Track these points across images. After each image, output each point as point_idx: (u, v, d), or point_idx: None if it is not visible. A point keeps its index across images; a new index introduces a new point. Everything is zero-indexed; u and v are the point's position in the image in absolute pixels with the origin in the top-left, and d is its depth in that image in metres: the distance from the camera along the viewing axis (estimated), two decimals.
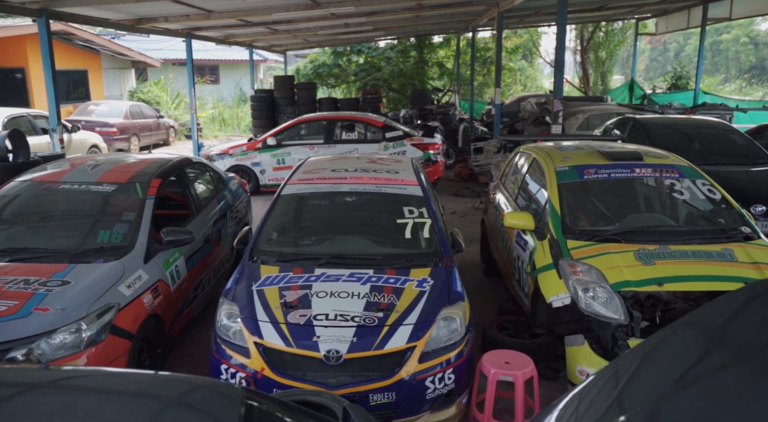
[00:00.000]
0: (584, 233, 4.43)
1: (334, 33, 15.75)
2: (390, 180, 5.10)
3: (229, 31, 14.24)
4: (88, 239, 4.46)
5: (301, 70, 24.69)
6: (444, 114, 16.58)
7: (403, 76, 24.06)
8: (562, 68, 7.50)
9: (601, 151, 5.28)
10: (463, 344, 3.89)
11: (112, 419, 1.50)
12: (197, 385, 1.76)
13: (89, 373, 2.00)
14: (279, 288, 4.06)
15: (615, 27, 24.59)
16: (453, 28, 19.80)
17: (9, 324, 3.53)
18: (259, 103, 17.28)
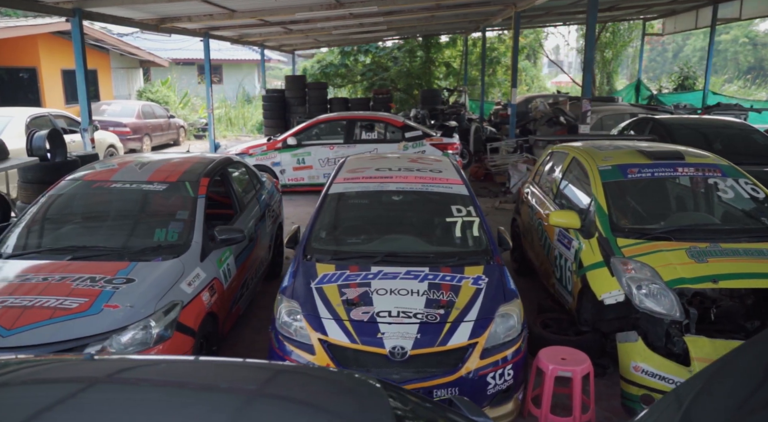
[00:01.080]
0: (634, 232, 4.51)
1: (346, 33, 15.82)
2: (435, 179, 5.17)
3: (244, 31, 14.30)
4: (145, 238, 4.53)
5: (308, 70, 24.76)
6: (455, 114, 16.64)
7: (410, 76, 24.15)
8: (590, 68, 7.57)
9: (641, 150, 5.36)
10: (521, 341, 3.96)
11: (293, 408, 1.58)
12: (344, 376, 1.83)
13: (247, 365, 2.07)
14: (338, 286, 4.12)
15: (621, 28, 24.67)
16: (462, 28, 19.87)
17: (83, 321, 3.59)
18: (271, 103, 17.36)
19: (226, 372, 1.89)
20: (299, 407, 1.57)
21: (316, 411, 1.55)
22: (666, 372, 3.85)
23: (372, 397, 1.67)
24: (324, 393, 1.68)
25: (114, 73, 21.66)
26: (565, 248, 5.07)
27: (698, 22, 19.13)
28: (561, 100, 16.83)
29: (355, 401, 1.63)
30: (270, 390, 1.68)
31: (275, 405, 1.57)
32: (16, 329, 3.49)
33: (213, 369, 1.96)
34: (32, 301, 3.68)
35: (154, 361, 2.18)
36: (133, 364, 1.99)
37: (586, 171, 5.23)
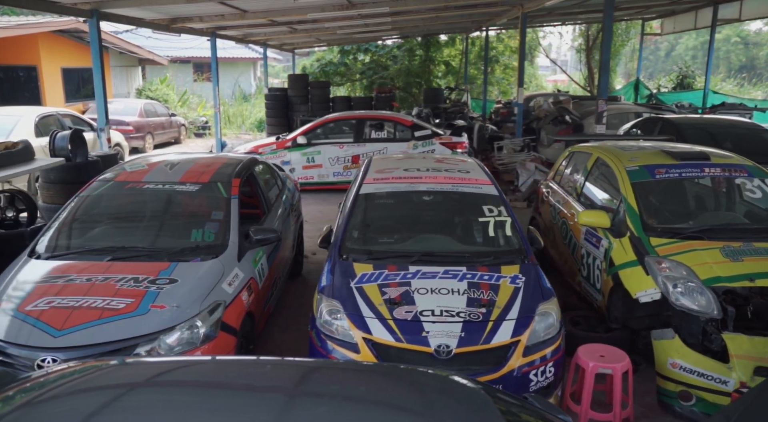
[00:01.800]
0: (666, 231, 4.57)
1: (350, 32, 15.84)
2: (464, 180, 5.21)
3: (249, 31, 14.28)
4: (182, 238, 4.54)
5: (308, 69, 24.77)
6: (459, 113, 16.71)
7: (409, 75, 24.20)
8: (607, 68, 7.65)
9: (667, 151, 5.42)
10: (560, 339, 4.01)
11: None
12: (449, 378, 1.86)
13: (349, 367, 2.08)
14: (378, 285, 4.16)
15: (618, 27, 24.79)
16: (465, 28, 19.91)
17: (131, 321, 3.60)
18: (274, 102, 17.35)
19: (318, 375, 1.90)
20: (414, 415, 1.58)
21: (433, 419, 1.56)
22: (705, 368, 3.91)
23: (478, 400, 1.70)
24: (436, 398, 1.70)
25: (113, 72, 21.57)
26: (594, 247, 5.13)
27: (697, 23, 19.27)
28: (564, 99, 16.93)
29: (465, 405, 1.66)
30: (379, 396, 1.69)
31: (391, 412, 1.58)
32: (67, 329, 3.50)
33: (297, 370, 1.97)
34: (79, 301, 3.70)
35: (242, 362, 2.19)
36: (230, 367, 2.00)
37: (613, 171, 5.29)
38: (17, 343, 3.47)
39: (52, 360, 3.40)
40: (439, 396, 1.71)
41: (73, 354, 3.43)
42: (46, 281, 3.93)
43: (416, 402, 1.66)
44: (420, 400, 1.67)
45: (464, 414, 1.60)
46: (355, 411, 1.56)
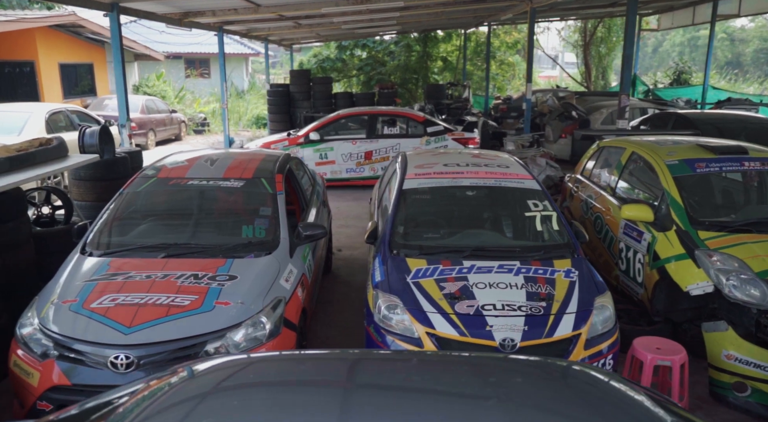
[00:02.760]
0: (714, 225, 4.62)
1: (353, 27, 15.79)
2: (506, 174, 5.23)
3: (253, 26, 14.21)
4: (233, 235, 4.53)
5: (305, 64, 24.65)
6: (461, 109, 16.75)
7: (407, 71, 24.20)
8: (630, 64, 7.70)
9: (703, 145, 5.48)
10: (617, 332, 4.05)
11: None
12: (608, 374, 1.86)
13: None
14: (435, 280, 4.17)
15: (614, 23, 24.95)
16: (466, 23, 19.92)
17: (198, 318, 3.58)
18: (276, 98, 17.26)
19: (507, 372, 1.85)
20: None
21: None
22: (761, 359, 3.97)
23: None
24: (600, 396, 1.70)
25: (108, 68, 21.34)
26: (635, 241, 5.17)
27: (695, 19, 19.46)
28: (567, 95, 17.03)
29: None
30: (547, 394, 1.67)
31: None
32: (136, 327, 3.48)
33: (481, 366, 1.93)
34: (144, 299, 3.67)
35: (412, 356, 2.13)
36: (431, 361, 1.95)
37: (652, 166, 5.33)
38: (87, 340, 3.44)
39: (125, 356, 3.37)
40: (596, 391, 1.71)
41: (144, 351, 3.40)
42: (106, 278, 3.89)
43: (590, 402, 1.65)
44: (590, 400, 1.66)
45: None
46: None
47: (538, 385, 1.70)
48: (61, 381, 3.39)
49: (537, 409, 1.52)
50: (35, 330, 3.60)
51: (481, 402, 1.53)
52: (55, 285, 3.93)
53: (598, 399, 1.63)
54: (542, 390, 1.67)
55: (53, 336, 3.51)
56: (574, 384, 1.74)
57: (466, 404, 1.54)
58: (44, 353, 3.50)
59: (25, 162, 4.95)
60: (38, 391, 3.42)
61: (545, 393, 1.65)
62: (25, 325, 3.66)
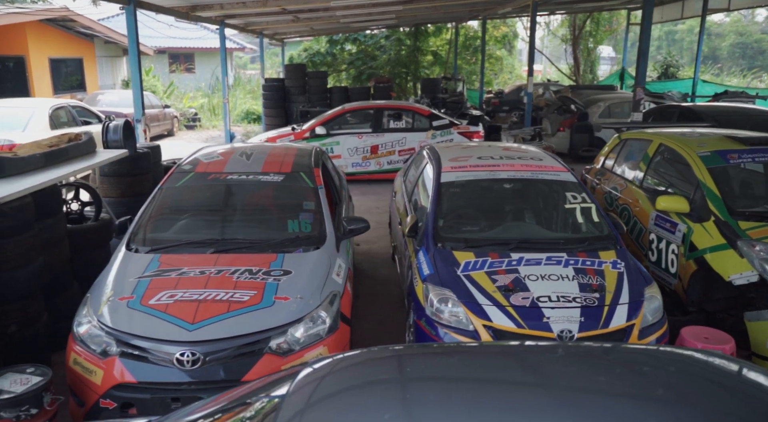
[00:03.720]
0: (754, 215, 4.70)
1: (351, 21, 15.71)
2: (541, 167, 5.26)
3: (251, 19, 14.08)
4: (280, 229, 4.50)
5: (296, 59, 24.48)
6: (459, 103, 16.77)
7: (397, 65, 24.17)
8: (646, 56, 7.78)
9: (731, 136, 5.55)
10: (666, 323, 4.10)
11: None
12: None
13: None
14: (486, 273, 4.18)
15: (603, 18, 25.17)
16: (459, 17, 19.93)
17: (260, 313, 3.56)
18: (271, 93, 17.11)
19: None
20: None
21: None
22: None
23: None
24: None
25: (98, 62, 21.01)
26: (668, 232, 5.23)
27: (684, 12, 19.71)
28: (563, 89, 17.15)
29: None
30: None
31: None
32: (200, 323, 3.44)
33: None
34: (202, 295, 3.63)
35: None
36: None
37: (683, 157, 5.39)
38: (151, 337, 3.40)
39: (190, 353, 3.34)
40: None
41: (210, 347, 3.37)
42: (158, 274, 3.85)
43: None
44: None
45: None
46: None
47: (690, 380, 1.68)
48: (126, 379, 3.34)
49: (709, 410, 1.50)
50: (94, 328, 3.54)
51: (647, 402, 1.51)
52: (105, 282, 3.87)
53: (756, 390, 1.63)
54: (696, 385, 1.66)
55: (114, 333, 3.46)
56: (718, 376, 1.73)
57: (627, 403, 1.52)
58: (104, 351, 3.45)
59: (59, 158, 4.86)
60: (102, 389, 3.37)
61: (705, 389, 1.63)
62: (82, 323, 3.60)
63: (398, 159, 10.87)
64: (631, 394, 1.57)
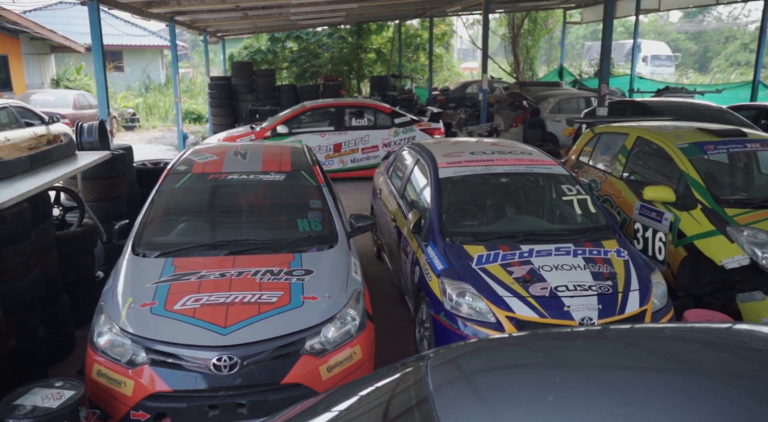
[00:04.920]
0: (738, 202, 4.98)
1: (301, 19, 15.53)
2: (534, 161, 5.38)
3: (198, 16, 13.68)
4: (291, 229, 4.41)
5: (235, 56, 23.96)
6: (409, 100, 16.89)
7: (340, 63, 24.10)
8: (609, 53, 8.10)
9: (704, 129, 5.86)
10: (672, 307, 4.29)
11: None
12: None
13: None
14: (501, 265, 4.25)
15: (540, 17, 25.92)
16: (405, 15, 20.05)
17: (292, 314, 3.48)
18: (217, 91, 16.68)
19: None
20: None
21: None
22: None
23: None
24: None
25: (24, 60, 19.86)
26: (654, 221, 5.45)
27: (618, 12, 20.54)
28: (511, 85, 17.58)
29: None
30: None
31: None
32: (233, 326, 3.34)
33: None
34: (229, 297, 3.53)
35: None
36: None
37: (663, 149, 5.65)
38: (183, 343, 3.27)
39: (227, 357, 3.23)
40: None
41: (247, 350, 3.28)
42: (177, 279, 3.70)
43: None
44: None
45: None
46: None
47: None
48: (160, 388, 3.20)
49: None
50: (116, 337, 3.37)
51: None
52: (118, 289, 3.69)
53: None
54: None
55: (140, 341, 3.31)
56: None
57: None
58: (131, 360, 3.29)
59: (43, 161, 4.58)
60: (133, 400, 3.22)
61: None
62: (103, 333, 3.42)
63: (361, 157, 10.86)
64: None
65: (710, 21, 55.18)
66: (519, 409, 1.46)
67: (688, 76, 30.73)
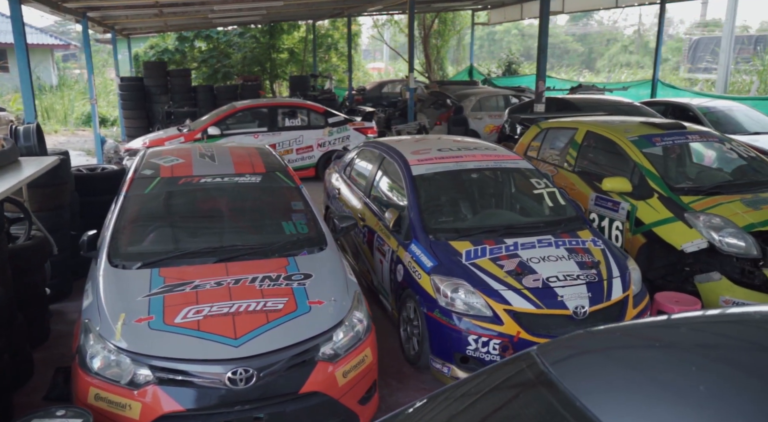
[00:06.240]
0: (691, 190, 5.31)
1: (220, 17, 15.01)
2: (500, 156, 5.49)
3: (108, 12, 12.91)
4: (277, 232, 4.24)
5: (141, 56, 22.81)
6: (330, 100, 16.76)
7: (253, 63, 23.53)
8: (545, 53, 8.40)
9: (648, 123, 6.23)
10: (647, 291, 4.52)
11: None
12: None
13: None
14: (490, 260, 4.30)
15: (449, 17, 26.52)
16: (320, 15, 19.86)
17: (301, 320, 3.35)
18: (129, 93, 15.86)
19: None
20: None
21: None
22: (755, 300, 4.69)
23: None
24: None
25: None
26: (611, 211, 5.73)
27: (524, 14, 21.47)
28: (431, 84, 17.87)
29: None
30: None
31: None
32: (244, 337, 3.17)
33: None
34: (232, 307, 3.34)
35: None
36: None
37: (615, 142, 5.94)
38: (193, 359, 3.06)
39: (243, 370, 3.06)
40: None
41: (262, 361, 3.12)
42: (169, 290, 3.45)
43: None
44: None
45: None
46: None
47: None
48: (171, 408, 2.97)
49: None
50: (113, 356, 3.10)
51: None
52: (102, 305, 3.39)
53: None
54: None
55: (143, 360, 3.06)
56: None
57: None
58: (133, 381, 3.04)
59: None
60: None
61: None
62: (96, 354, 3.13)
63: (296, 158, 10.65)
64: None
65: (593, 24, 58.96)
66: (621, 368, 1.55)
67: (583, 75, 32.47)
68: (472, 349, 3.98)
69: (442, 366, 4.12)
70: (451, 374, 4.07)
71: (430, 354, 4.22)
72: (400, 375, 4.40)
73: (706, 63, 31.11)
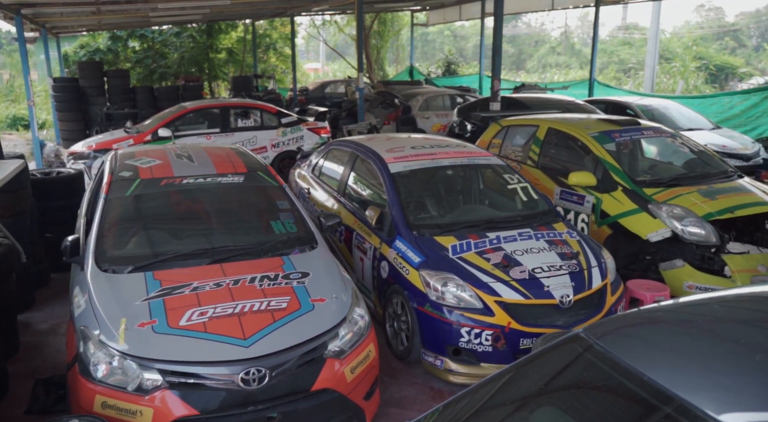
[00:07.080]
0: (652, 183, 5.60)
1: (158, 15, 14.58)
2: (471, 153, 5.63)
3: (42, 9, 12.33)
4: (267, 232, 4.20)
5: (71, 56, 21.82)
6: (275, 100, 16.59)
7: (190, 63, 22.97)
8: (500, 53, 8.59)
9: (605, 119, 6.52)
10: (621, 280, 4.74)
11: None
12: None
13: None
14: (476, 253, 4.42)
15: (387, 18, 26.71)
16: (261, 14, 19.60)
17: (308, 318, 3.36)
18: (63, 94, 15.16)
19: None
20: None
21: None
22: (716, 285, 5.01)
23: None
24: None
25: None
26: (576, 204, 5.97)
27: (462, 15, 21.93)
28: (377, 84, 17.96)
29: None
30: None
31: None
32: (253, 336, 3.14)
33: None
34: (236, 307, 3.31)
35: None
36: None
37: (577, 138, 6.19)
38: (203, 361, 3.01)
39: (256, 370, 3.03)
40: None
41: (274, 360, 3.10)
42: (168, 293, 3.38)
43: None
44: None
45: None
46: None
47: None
48: (185, 412, 2.92)
49: None
50: (119, 362, 3.01)
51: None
52: (97, 311, 3.28)
53: None
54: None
55: (151, 364, 2.99)
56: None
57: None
58: (141, 386, 2.96)
59: None
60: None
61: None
62: (99, 362, 3.03)
63: None
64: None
65: (521, 26, 60.75)
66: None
67: (519, 75, 33.42)
68: (465, 341, 4.07)
69: (435, 359, 4.20)
70: (444, 366, 4.15)
71: (422, 348, 4.29)
72: (390, 371, 4.44)
73: (631, 64, 32.73)
